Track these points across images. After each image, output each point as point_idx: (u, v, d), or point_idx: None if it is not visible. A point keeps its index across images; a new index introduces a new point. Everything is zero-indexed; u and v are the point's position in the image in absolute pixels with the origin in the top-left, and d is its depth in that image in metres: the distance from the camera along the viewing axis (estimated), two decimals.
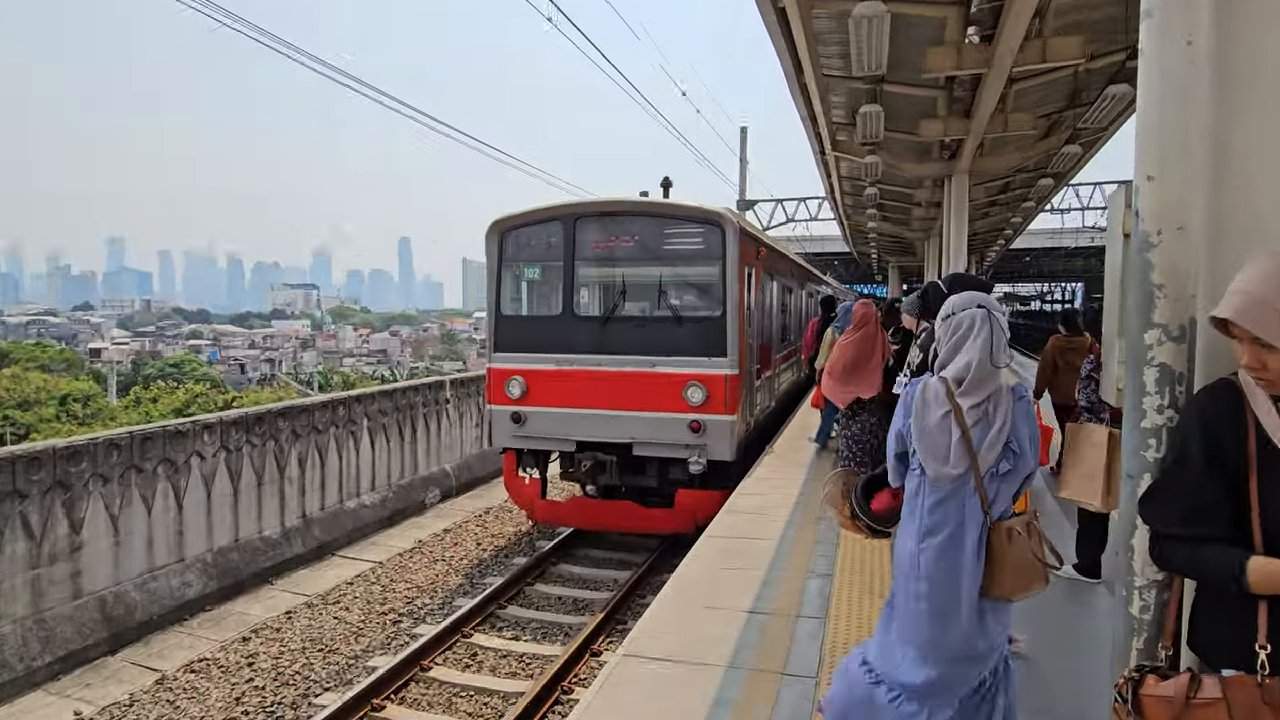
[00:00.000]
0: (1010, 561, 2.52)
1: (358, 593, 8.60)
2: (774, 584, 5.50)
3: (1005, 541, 2.53)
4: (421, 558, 9.75)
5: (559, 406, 9.36)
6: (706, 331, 9.07)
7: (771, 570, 5.76)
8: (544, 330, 9.60)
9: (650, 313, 9.48)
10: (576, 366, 9.30)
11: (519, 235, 9.80)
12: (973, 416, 2.56)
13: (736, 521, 7.11)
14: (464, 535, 10.65)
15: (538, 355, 9.45)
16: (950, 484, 2.57)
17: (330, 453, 10.53)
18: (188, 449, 8.43)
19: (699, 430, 8.90)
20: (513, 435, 9.55)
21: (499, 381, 9.60)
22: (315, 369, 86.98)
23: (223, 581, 8.46)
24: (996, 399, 2.58)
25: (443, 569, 9.37)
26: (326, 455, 10.44)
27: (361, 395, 11.34)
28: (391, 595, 8.56)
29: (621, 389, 9.13)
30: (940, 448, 2.57)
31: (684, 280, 9.67)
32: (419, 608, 8.25)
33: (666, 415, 9.02)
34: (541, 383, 9.43)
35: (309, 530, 9.90)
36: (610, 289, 9.72)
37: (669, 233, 9.42)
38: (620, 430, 9.13)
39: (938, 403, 2.60)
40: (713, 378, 8.91)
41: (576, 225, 9.47)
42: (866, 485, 3.00)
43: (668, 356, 9.06)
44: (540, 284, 10.10)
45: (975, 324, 2.63)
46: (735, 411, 9.09)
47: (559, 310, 9.61)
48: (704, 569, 5.84)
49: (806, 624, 4.84)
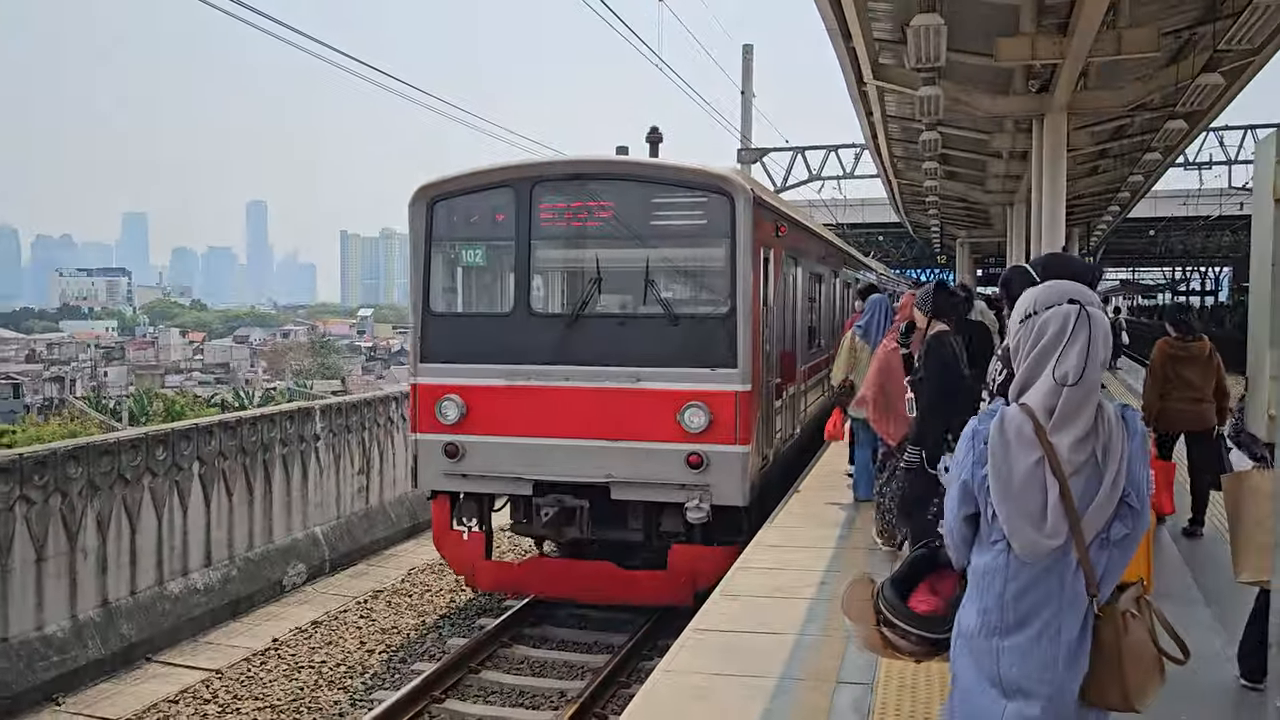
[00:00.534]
0: (1128, 657, 2.54)
1: (184, 718, 8.45)
2: (786, 697, 5.53)
3: (1121, 631, 2.55)
4: (279, 664, 9.66)
5: (510, 435, 9.60)
6: (710, 335, 9.34)
7: (784, 679, 5.78)
8: (489, 333, 9.88)
9: (634, 310, 9.73)
10: (534, 382, 9.54)
11: (454, 206, 10.00)
12: (1074, 462, 2.54)
13: (737, 608, 7.14)
14: (342, 630, 10.59)
15: (481, 367, 9.70)
16: (1045, 559, 2.56)
17: (146, 512, 10.41)
18: None
19: (700, 466, 9.12)
20: (446, 474, 9.79)
21: (428, 402, 9.82)
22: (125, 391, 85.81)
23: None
24: (1107, 434, 2.57)
25: (310, 680, 9.29)
26: (140, 516, 10.32)
27: (192, 429, 11.24)
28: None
29: (595, 412, 9.35)
30: (1033, 509, 2.54)
31: (679, 267, 9.94)
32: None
33: (656, 446, 9.23)
34: (486, 404, 9.66)
35: (113, 625, 9.75)
36: (580, 278, 9.91)
37: (659, 203, 9.63)
38: (594, 467, 9.35)
39: (1023, 444, 2.57)
40: (719, 396, 9.15)
41: (534, 193, 9.64)
42: (897, 582, 2.98)
43: (658, 368, 9.31)
44: (484, 271, 10.39)
45: (1067, 327, 2.59)
46: (749, 441, 9.30)
47: (509, 307, 9.86)
48: (689, 681, 5.83)
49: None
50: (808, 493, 10.87)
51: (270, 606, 11.49)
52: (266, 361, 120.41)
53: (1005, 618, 2.61)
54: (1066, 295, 2.64)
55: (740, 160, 31.56)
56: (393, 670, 9.54)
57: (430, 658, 9.78)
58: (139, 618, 10.05)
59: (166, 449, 10.73)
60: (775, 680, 5.74)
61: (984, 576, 2.66)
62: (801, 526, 9.33)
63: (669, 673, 5.92)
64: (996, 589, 2.62)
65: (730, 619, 6.88)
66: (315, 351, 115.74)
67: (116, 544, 10.01)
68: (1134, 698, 2.56)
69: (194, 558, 11.00)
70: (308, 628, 10.67)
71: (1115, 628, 2.54)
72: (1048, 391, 2.57)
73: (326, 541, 13.03)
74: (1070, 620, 2.56)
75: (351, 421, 13.97)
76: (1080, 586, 2.55)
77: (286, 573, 12.11)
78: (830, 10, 11.67)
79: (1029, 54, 11.66)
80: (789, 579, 7.71)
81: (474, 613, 11.07)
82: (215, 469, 11.39)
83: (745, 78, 31.25)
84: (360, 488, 14.01)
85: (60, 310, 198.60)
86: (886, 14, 12.72)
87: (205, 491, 11.20)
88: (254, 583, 11.60)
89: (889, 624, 2.92)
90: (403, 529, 14.58)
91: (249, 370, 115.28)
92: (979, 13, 11.66)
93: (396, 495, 14.85)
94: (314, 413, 13.29)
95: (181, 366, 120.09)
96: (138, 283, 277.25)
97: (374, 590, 12.00)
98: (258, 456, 12.08)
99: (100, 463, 9.90)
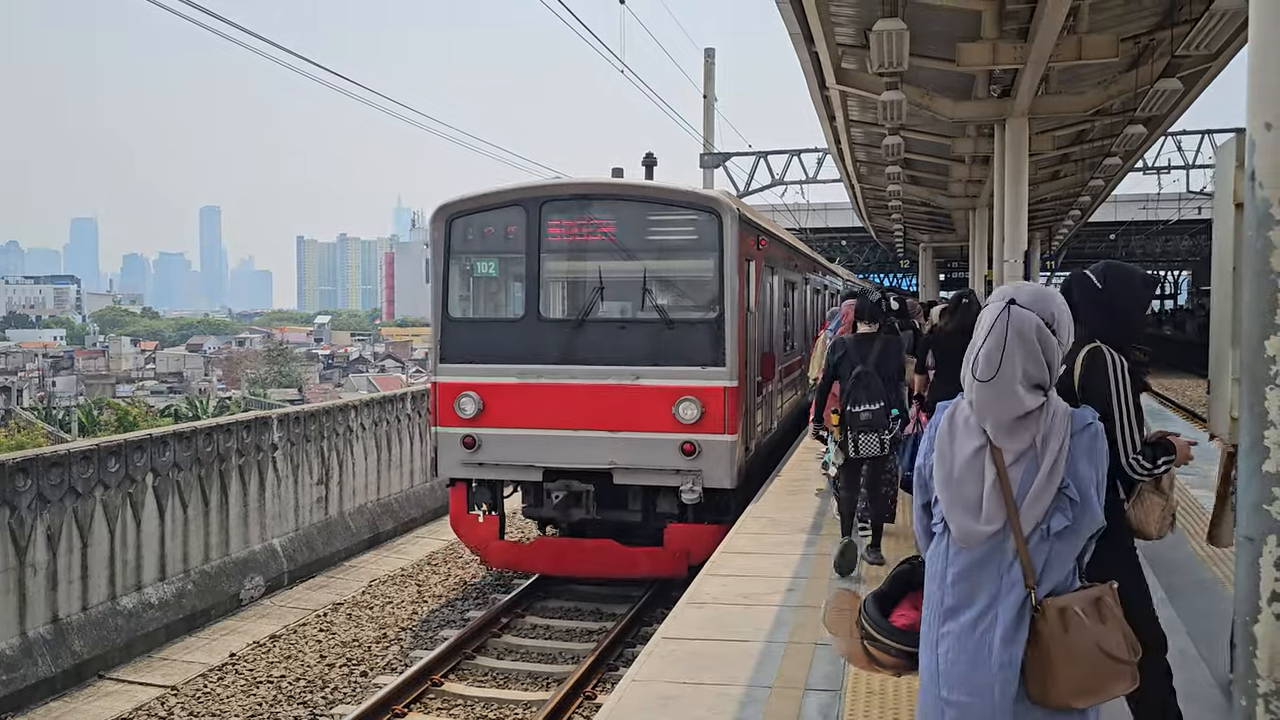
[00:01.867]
0: (1066, 654, 2.54)
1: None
2: (756, 706, 5.53)
3: (1058, 627, 2.55)
4: (237, 679, 9.56)
5: (522, 428, 10.74)
6: (701, 337, 10.55)
7: (753, 687, 5.79)
8: (503, 336, 11.09)
9: (633, 315, 10.85)
10: (544, 380, 10.71)
11: (471, 222, 11.21)
12: (1014, 450, 2.62)
13: (705, 616, 7.14)
14: (301, 644, 10.50)
15: (496, 366, 10.87)
16: (982, 546, 2.63)
17: (98, 525, 10.28)
18: None
19: (693, 453, 10.30)
20: (463, 463, 10.94)
21: (447, 398, 10.96)
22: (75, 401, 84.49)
23: None
24: (1048, 425, 2.62)
25: (269, 695, 9.20)
26: (91, 529, 10.19)
27: (146, 440, 11.11)
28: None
29: (599, 406, 10.50)
30: (970, 495, 2.63)
31: (673, 276, 11.19)
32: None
33: (654, 436, 10.41)
34: (501, 399, 10.79)
35: (64, 641, 9.62)
36: (584, 287, 11.06)
37: (655, 220, 10.95)
38: (598, 455, 10.52)
39: (968, 431, 2.68)
40: (709, 391, 10.36)
41: (543, 210, 10.83)
42: (880, 598, 2.99)
43: (654, 367, 10.51)
44: (497, 281, 11.66)
45: (987, 325, 2.69)
46: (736, 431, 10.50)
47: (521, 312, 11.04)
48: (657, 690, 5.83)
49: None
50: (774, 499, 11.00)
51: (227, 620, 11.37)
52: (221, 370, 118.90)
53: (944, 601, 2.67)
54: (1006, 296, 2.72)
55: (702, 165, 31.61)
56: (353, 684, 9.45)
57: (392, 670, 9.72)
58: (91, 634, 9.91)
59: (119, 460, 10.60)
60: (744, 688, 5.75)
61: (930, 561, 2.76)
62: (768, 533, 9.43)
63: (637, 682, 5.91)
64: (938, 572, 2.71)
65: (698, 627, 6.89)
66: (271, 359, 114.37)
67: (68, 558, 9.89)
68: (1072, 697, 2.55)
69: (148, 572, 10.88)
70: (266, 642, 10.57)
71: (1056, 624, 2.54)
72: (969, 385, 2.69)
73: (285, 553, 12.92)
74: (1006, 611, 2.59)
75: (310, 431, 13.86)
76: (1018, 577, 2.59)
77: (244, 586, 11.99)
78: (793, 14, 11.75)
79: (990, 59, 11.80)
80: (756, 586, 7.73)
81: (436, 624, 11.01)
82: (170, 480, 11.26)
83: (707, 82, 31.37)
84: (319, 498, 13.90)
85: (6, 319, 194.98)
86: (849, 19, 12.82)
87: (160, 503, 11.08)
88: (210, 596, 11.48)
89: (871, 639, 2.94)
90: (363, 540, 14.48)
91: (203, 379, 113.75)
92: (941, 18, 11.78)
93: (356, 505, 14.75)
94: (271, 422, 13.17)
95: (133, 376, 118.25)
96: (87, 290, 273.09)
97: (334, 603, 11.89)
98: (214, 467, 11.96)
99: (50, 475, 9.77)
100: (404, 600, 11.93)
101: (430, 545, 14.72)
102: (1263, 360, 2.32)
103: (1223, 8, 9.72)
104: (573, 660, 9.72)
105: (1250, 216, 2.35)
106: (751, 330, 11.47)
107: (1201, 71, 14.11)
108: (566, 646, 10.13)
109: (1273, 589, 2.29)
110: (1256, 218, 2.33)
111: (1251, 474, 2.35)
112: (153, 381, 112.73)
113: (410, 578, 12.88)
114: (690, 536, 10.40)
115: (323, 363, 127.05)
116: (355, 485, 14.78)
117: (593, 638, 10.28)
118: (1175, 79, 12.77)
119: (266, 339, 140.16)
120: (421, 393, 17.27)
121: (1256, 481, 2.33)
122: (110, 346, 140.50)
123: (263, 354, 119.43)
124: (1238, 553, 2.39)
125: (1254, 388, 2.34)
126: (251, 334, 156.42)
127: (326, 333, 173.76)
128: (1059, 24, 10.34)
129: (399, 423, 16.14)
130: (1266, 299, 2.31)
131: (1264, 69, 2.34)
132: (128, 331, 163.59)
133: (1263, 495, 2.32)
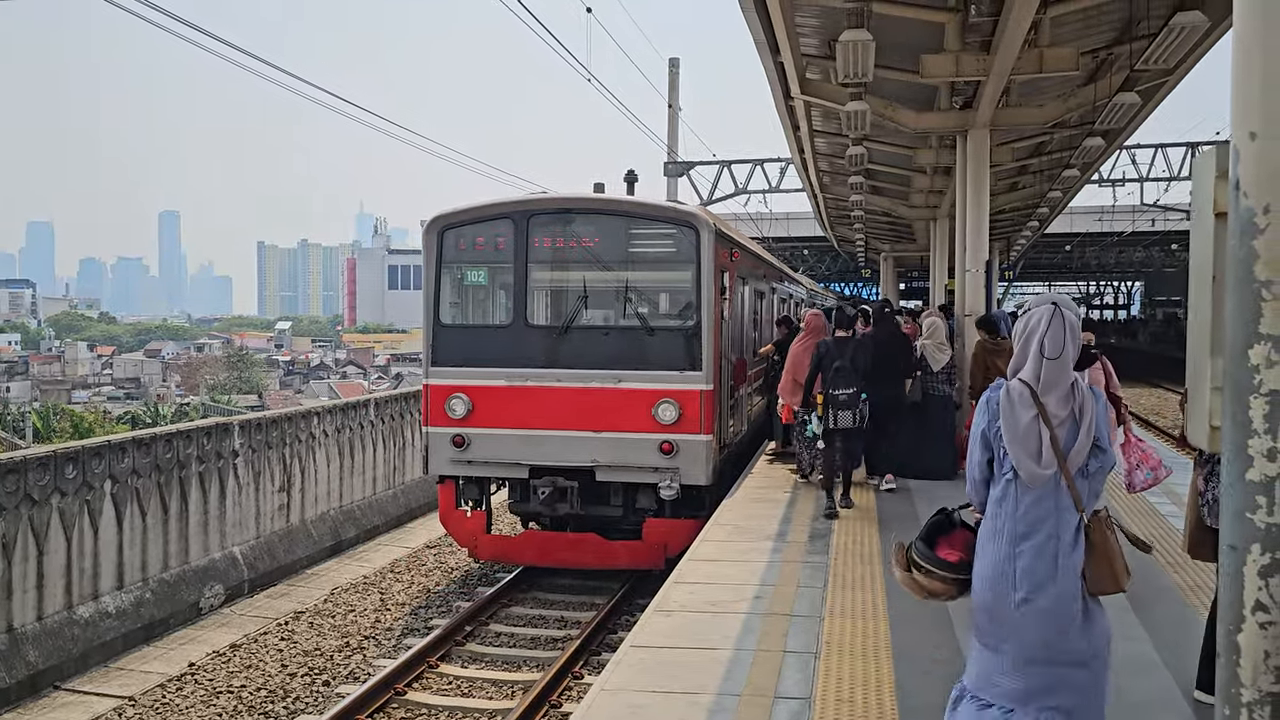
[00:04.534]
0: (1113, 552, 3.62)
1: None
2: (726, 715, 5.50)
3: (1105, 533, 3.65)
4: (196, 689, 9.43)
5: (510, 428, 11.33)
6: (679, 343, 11.23)
7: (722, 695, 5.76)
8: (492, 342, 11.69)
9: (615, 322, 11.55)
10: (530, 383, 11.29)
11: (462, 234, 11.81)
12: (1059, 416, 3.66)
13: (673, 624, 7.11)
14: (262, 653, 10.36)
15: (485, 370, 11.44)
16: (1043, 485, 3.65)
17: (54, 533, 10.10)
18: None
19: (671, 452, 10.94)
20: (453, 461, 11.51)
21: (438, 400, 11.54)
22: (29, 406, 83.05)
23: None
24: (1080, 399, 3.69)
25: (230, 706, 9.07)
26: (48, 537, 10.01)
27: (104, 446, 10.92)
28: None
29: (582, 407, 11.11)
30: (1032, 449, 3.64)
31: (653, 286, 12.02)
32: None
33: (634, 435, 11.05)
34: (489, 401, 11.38)
35: (19, 652, 9.45)
36: (569, 295, 11.72)
37: (636, 234, 11.59)
38: (581, 453, 11.14)
39: (1023, 404, 3.68)
40: (687, 394, 11.02)
41: (530, 223, 11.45)
42: (923, 540, 3.95)
43: (635, 371, 11.13)
44: (487, 289, 12.21)
45: (1045, 319, 3.70)
46: (711, 431, 11.15)
47: (509, 319, 11.67)
48: (627, 699, 5.79)
49: None
50: (740, 505, 11.05)
51: (186, 630, 11.21)
52: (180, 376, 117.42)
53: (1018, 529, 3.67)
54: (1052, 300, 3.78)
55: (666, 174, 31.62)
56: (316, 693, 9.34)
57: (355, 679, 9.60)
58: (46, 644, 9.74)
59: (77, 467, 10.42)
60: (713, 696, 5.72)
61: (1000, 503, 3.73)
62: (734, 540, 9.44)
63: (606, 691, 5.85)
64: (1010, 509, 3.69)
65: (667, 635, 6.86)
66: (231, 365, 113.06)
67: (23, 566, 9.72)
68: (1121, 580, 3.63)
69: (105, 580, 10.70)
70: (226, 651, 10.42)
71: (1100, 533, 3.64)
72: (1034, 365, 3.70)
73: (245, 561, 12.74)
74: (1065, 529, 3.64)
75: (272, 437, 13.68)
76: (1069, 504, 3.65)
77: (203, 594, 11.83)
78: (758, 22, 11.76)
79: (954, 71, 11.86)
80: (724, 594, 7.72)
81: (400, 632, 10.92)
82: (128, 487, 11.08)
83: (671, 91, 31.40)
84: (281, 505, 13.73)
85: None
86: (813, 29, 12.86)
87: (118, 511, 10.90)
88: (169, 605, 11.31)
89: (922, 569, 3.91)
90: (325, 548, 14.31)
91: (161, 385, 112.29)
92: (905, 30, 11.83)
93: (319, 513, 14.58)
94: (232, 428, 12.99)
95: (90, 381, 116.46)
96: (43, 294, 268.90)
97: (295, 611, 11.75)
98: (173, 474, 11.78)
99: (5, 482, 9.60)
100: (367, 608, 11.81)
101: (393, 553, 14.59)
102: (1246, 369, 2.31)
103: (1182, 22, 9.85)
104: (538, 668, 9.66)
105: (1234, 225, 2.35)
106: (725, 338, 12.06)
107: (1158, 86, 14.30)
108: (531, 654, 10.07)
109: (1256, 598, 2.28)
110: (1240, 226, 2.33)
111: (1234, 482, 2.34)
112: (110, 387, 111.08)
113: (373, 585, 12.74)
114: (668, 530, 11.05)
115: (283, 369, 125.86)
116: (317, 492, 14.62)
117: (558, 645, 10.22)
118: (1134, 92, 12.93)
119: (226, 345, 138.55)
120: (385, 399, 17.12)
121: (1239, 489, 2.32)
122: (66, 352, 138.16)
123: (222, 360, 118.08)
124: (1221, 561, 2.38)
125: (1237, 396, 2.34)
126: (211, 340, 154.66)
127: (287, 339, 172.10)
128: (1021, 37, 10.43)
129: (362, 429, 15.98)
130: (1250, 307, 2.31)
131: (1247, 79, 2.33)
132: (84, 337, 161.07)
133: (1246, 503, 2.31)
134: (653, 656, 6.44)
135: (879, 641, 6.52)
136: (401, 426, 17.26)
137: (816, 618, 7.07)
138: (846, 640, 6.55)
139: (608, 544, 11.35)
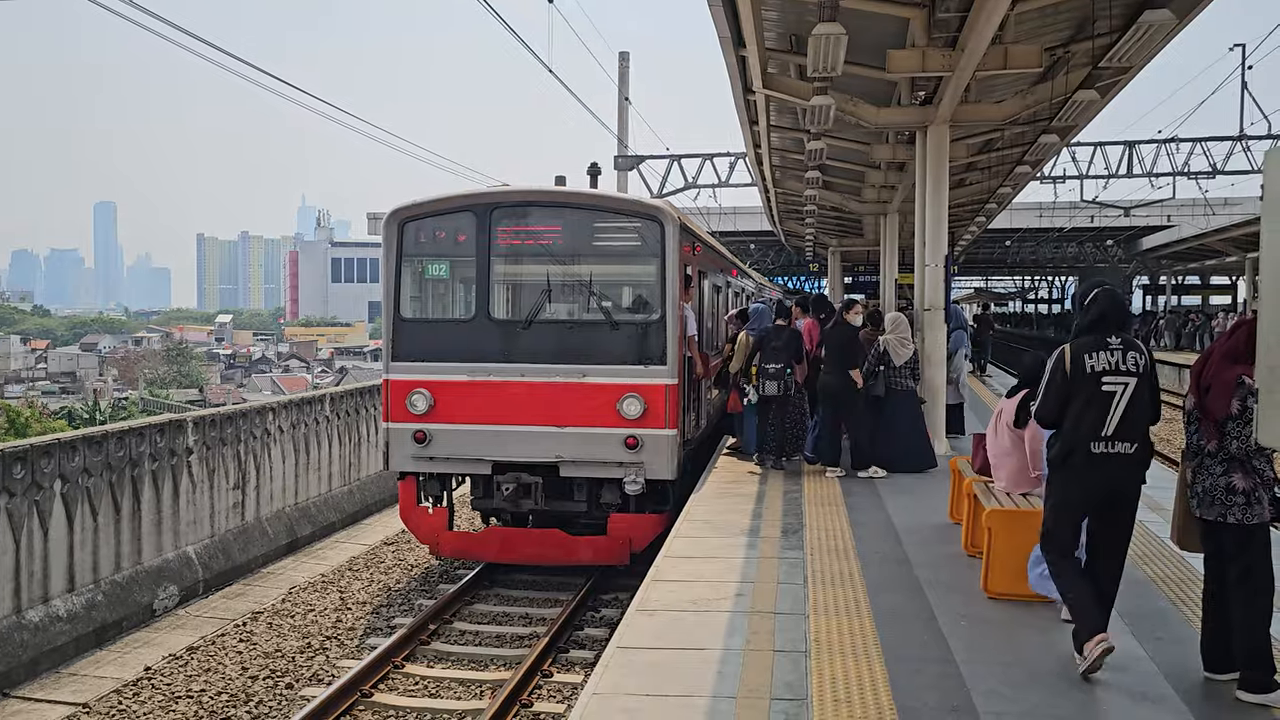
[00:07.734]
0: None
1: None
2: (726, 718, 5.37)
3: None
4: (153, 694, 9.11)
5: (472, 423, 11.18)
6: (643, 337, 11.12)
7: (717, 697, 5.63)
8: (454, 336, 11.53)
9: (579, 316, 11.40)
10: (493, 377, 11.15)
11: (422, 226, 11.65)
12: None
13: (658, 624, 6.97)
14: (221, 656, 10.04)
15: (446, 365, 11.28)
16: None
17: (2, 535, 9.69)
18: None
19: (636, 446, 10.84)
20: (414, 457, 11.33)
21: (399, 395, 11.36)
22: None
23: None
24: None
25: (189, 711, 8.77)
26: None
27: (54, 444, 10.50)
28: None
29: (547, 402, 10.98)
30: None
31: (617, 280, 11.84)
32: None
33: (599, 430, 10.92)
34: (451, 396, 11.23)
35: None
36: (532, 289, 11.61)
37: (600, 227, 11.47)
38: (545, 449, 11.00)
39: None
40: (651, 388, 10.91)
41: (492, 216, 11.33)
42: None
43: (600, 365, 11.00)
44: (448, 282, 12.11)
45: None
46: (676, 425, 11.09)
47: (471, 313, 11.51)
48: (621, 704, 5.64)
49: None
50: (709, 503, 10.98)
51: (140, 632, 10.84)
52: (117, 370, 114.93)
53: None
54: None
55: (617, 167, 31.47)
56: (279, 697, 9.05)
57: (319, 681, 9.34)
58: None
59: (25, 466, 10.00)
60: (708, 699, 5.59)
61: None
62: (708, 537, 9.34)
63: (598, 695, 5.68)
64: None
65: (653, 635, 6.71)
66: (171, 359, 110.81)
67: None
68: None
69: (56, 583, 10.28)
70: (183, 654, 10.07)
71: None
72: None
73: (200, 561, 12.35)
74: None
75: (226, 434, 13.28)
76: None
77: (157, 595, 11.43)
78: (724, 17, 11.63)
79: (920, 66, 11.82)
80: (704, 592, 7.61)
81: (362, 632, 10.64)
82: (79, 487, 10.65)
83: (622, 84, 31.24)
84: (236, 503, 13.33)
85: None
86: (773, 23, 12.77)
87: (68, 511, 10.48)
88: (122, 607, 10.90)
89: None
90: (281, 546, 13.94)
91: (98, 379, 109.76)
92: (870, 25, 11.78)
93: (274, 510, 14.20)
94: (186, 425, 12.57)
95: (23, 376, 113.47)
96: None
97: (253, 611, 11.40)
98: (125, 473, 11.36)
99: None
100: (327, 608, 11.49)
101: (350, 550, 14.26)
102: None
103: (1150, 20, 9.87)
104: (506, 666, 9.47)
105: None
106: (689, 331, 12.10)
107: (1114, 84, 14.39)
108: (498, 652, 9.87)
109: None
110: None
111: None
112: (44, 382, 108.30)
113: (332, 584, 12.43)
114: (632, 525, 10.97)
115: (224, 363, 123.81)
116: (273, 489, 14.23)
117: (525, 642, 10.03)
118: (1093, 89, 12.99)
119: (165, 338, 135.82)
120: (341, 394, 16.74)
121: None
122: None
123: (161, 353, 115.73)
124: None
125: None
126: (149, 333, 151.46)
127: (228, 332, 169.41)
128: (990, 33, 10.39)
129: (318, 425, 15.61)
130: None
131: None
132: (17, 330, 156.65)
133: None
134: (641, 657, 6.29)
135: (867, 640, 6.41)
136: (357, 422, 16.89)
137: (801, 615, 6.96)
138: (835, 639, 6.43)
139: (572, 540, 11.18)
